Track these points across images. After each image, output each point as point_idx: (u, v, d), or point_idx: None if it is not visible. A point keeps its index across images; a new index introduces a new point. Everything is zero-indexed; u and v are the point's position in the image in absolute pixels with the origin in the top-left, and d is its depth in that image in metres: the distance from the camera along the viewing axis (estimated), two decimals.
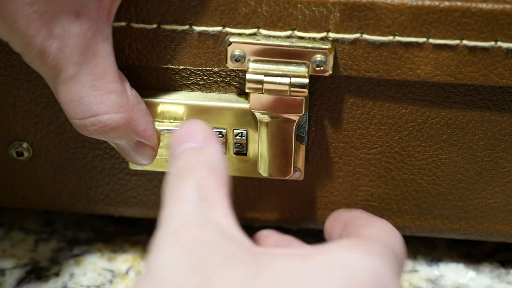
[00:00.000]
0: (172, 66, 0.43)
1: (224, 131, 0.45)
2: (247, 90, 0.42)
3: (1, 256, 0.51)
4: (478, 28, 0.40)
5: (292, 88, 0.41)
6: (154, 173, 0.48)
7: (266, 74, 0.41)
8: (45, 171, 0.48)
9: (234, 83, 0.44)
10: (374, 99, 0.44)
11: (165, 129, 0.44)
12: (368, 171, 0.47)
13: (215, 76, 0.44)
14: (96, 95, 0.38)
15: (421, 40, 0.40)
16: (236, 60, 0.41)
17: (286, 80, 0.41)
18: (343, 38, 0.40)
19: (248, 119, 0.44)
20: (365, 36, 0.40)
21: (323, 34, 0.41)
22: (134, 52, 0.42)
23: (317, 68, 0.41)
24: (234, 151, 0.45)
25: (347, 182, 0.47)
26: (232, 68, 0.42)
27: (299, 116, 0.43)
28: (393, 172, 0.46)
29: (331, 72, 0.41)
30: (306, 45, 0.41)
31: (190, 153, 0.38)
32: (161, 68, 0.43)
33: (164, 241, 0.34)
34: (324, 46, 0.40)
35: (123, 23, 0.41)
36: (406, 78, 0.42)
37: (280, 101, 0.42)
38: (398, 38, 0.40)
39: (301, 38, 0.41)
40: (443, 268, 0.51)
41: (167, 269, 0.33)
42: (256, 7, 0.40)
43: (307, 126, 0.44)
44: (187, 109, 0.44)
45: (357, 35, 0.40)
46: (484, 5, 0.39)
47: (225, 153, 0.45)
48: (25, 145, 0.47)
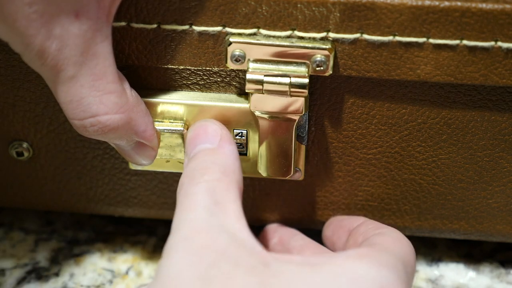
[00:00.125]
0: (172, 66, 0.43)
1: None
2: (247, 90, 0.42)
3: (1, 256, 0.51)
4: (478, 28, 0.39)
5: (292, 88, 0.41)
6: (154, 173, 0.48)
7: (266, 74, 0.41)
8: (45, 171, 0.48)
9: (234, 83, 0.44)
10: (374, 99, 0.44)
11: (165, 129, 0.44)
12: (368, 171, 0.47)
13: (215, 76, 0.44)
14: (95, 95, 0.38)
15: (421, 40, 0.40)
16: (236, 60, 0.41)
17: (286, 80, 0.41)
18: (343, 38, 0.40)
19: (248, 119, 0.44)
20: (365, 36, 0.40)
21: (323, 34, 0.41)
22: (134, 52, 0.42)
23: (317, 68, 0.41)
24: None
25: (347, 182, 0.47)
26: (232, 68, 0.42)
27: (299, 116, 0.43)
28: (393, 172, 0.46)
29: (331, 72, 0.41)
30: (306, 45, 0.41)
31: (204, 154, 0.38)
32: (161, 68, 0.43)
33: (174, 247, 0.35)
34: (324, 46, 0.40)
35: (123, 23, 0.41)
36: (406, 78, 0.42)
37: (280, 101, 0.42)
38: (398, 38, 0.40)
39: (301, 38, 0.41)
40: (443, 268, 0.51)
41: (176, 276, 0.33)
42: (256, 7, 0.40)
43: (307, 126, 0.44)
44: (187, 109, 0.44)
45: (357, 35, 0.40)
46: (484, 5, 0.39)
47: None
48: (25, 145, 0.47)
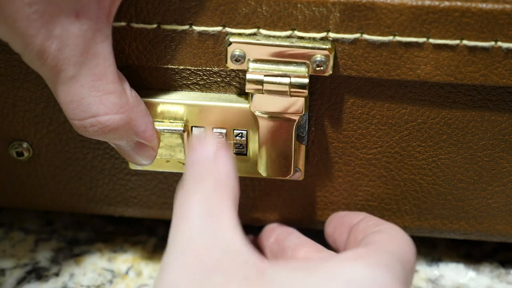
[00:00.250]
0: (172, 66, 0.43)
1: (224, 131, 0.45)
2: (247, 90, 0.42)
3: (1, 256, 0.51)
4: (478, 28, 0.39)
5: (292, 88, 0.41)
6: (154, 173, 0.48)
7: (266, 74, 0.41)
8: (45, 171, 0.48)
9: (234, 83, 0.44)
10: (374, 99, 0.44)
11: (165, 129, 0.44)
12: (368, 171, 0.47)
13: (215, 76, 0.44)
14: (95, 95, 0.38)
15: (421, 40, 0.40)
16: (236, 60, 0.41)
17: (286, 80, 0.41)
18: (343, 38, 0.40)
19: (248, 119, 0.44)
20: (365, 36, 0.40)
21: (323, 34, 0.40)
22: (134, 52, 0.42)
23: (317, 68, 0.41)
24: (234, 151, 0.45)
25: (347, 182, 0.47)
26: (232, 68, 0.42)
27: (299, 116, 0.43)
28: (393, 172, 0.46)
29: (331, 72, 0.41)
30: (306, 45, 0.41)
31: (200, 164, 0.39)
32: (161, 68, 0.43)
33: (170, 261, 0.36)
34: (324, 46, 0.40)
35: (123, 23, 0.41)
36: (406, 78, 0.42)
37: (280, 101, 0.42)
38: (398, 38, 0.40)
39: (301, 38, 0.41)
40: (443, 268, 0.51)
41: None
42: (256, 7, 0.40)
43: (307, 126, 0.44)
44: (187, 109, 0.44)
45: (357, 35, 0.40)
46: (484, 5, 0.39)
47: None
48: (25, 145, 0.47)
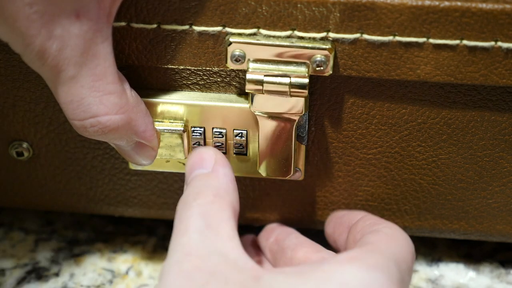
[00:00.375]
0: (172, 66, 0.43)
1: (224, 131, 0.45)
2: (247, 90, 0.42)
3: (1, 256, 0.51)
4: (478, 28, 0.39)
5: (292, 88, 0.41)
6: (154, 173, 0.48)
7: (266, 74, 0.41)
8: (45, 171, 0.48)
9: (234, 83, 0.44)
10: (374, 99, 0.44)
11: (165, 129, 0.44)
12: (368, 171, 0.47)
13: (215, 76, 0.44)
14: (95, 96, 0.38)
15: (421, 40, 0.40)
16: (236, 60, 0.41)
17: (286, 80, 0.41)
18: (343, 38, 0.40)
19: (248, 119, 0.44)
20: (365, 36, 0.40)
21: (323, 34, 0.40)
22: (134, 52, 0.42)
23: (317, 68, 0.41)
24: (234, 151, 0.45)
25: (347, 182, 0.47)
26: (232, 68, 0.42)
27: (299, 116, 0.43)
28: (393, 172, 0.46)
29: (331, 72, 0.41)
30: (306, 45, 0.41)
31: (198, 180, 0.40)
32: (161, 68, 0.43)
33: (168, 271, 0.36)
34: (324, 46, 0.40)
35: (123, 23, 0.41)
36: (406, 78, 0.42)
37: (280, 101, 0.42)
38: (398, 38, 0.40)
39: (301, 38, 0.41)
40: (443, 268, 0.51)
41: None
42: (256, 7, 0.40)
43: (307, 126, 0.44)
44: (187, 109, 0.44)
45: (357, 35, 0.40)
46: (484, 5, 0.39)
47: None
48: (25, 145, 0.47)
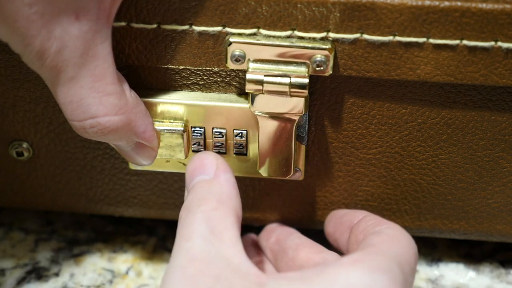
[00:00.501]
0: (172, 66, 0.43)
1: (224, 131, 0.45)
2: (247, 90, 0.42)
3: (1, 256, 0.51)
4: (478, 28, 0.39)
5: (292, 88, 0.41)
6: (154, 173, 0.48)
7: (266, 74, 0.41)
8: (45, 171, 0.48)
9: (234, 83, 0.44)
10: (374, 99, 0.44)
11: (165, 129, 0.44)
12: (368, 171, 0.47)
13: (215, 76, 0.44)
14: (95, 96, 0.38)
15: (421, 40, 0.40)
16: (236, 60, 0.41)
17: (286, 80, 0.41)
18: (343, 38, 0.40)
19: (248, 119, 0.44)
20: (365, 36, 0.40)
21: (323, 34, 0.40)
22: (134, 52, 0.42)
23: (317, 68, 0.41)
24: (234, 151, 0.45)
25: (347, 182, 0.47)
26: (232, 68, 0.42)
27: (299, 116, 0.43)
28: (393, 172, 0.46)
29: (331, 72, 0.41)
30: (306, 45, 0.41)
31: (201, 186, 0.40)
32: (161, 68, 0.43)
33: (172, 275, 0.36)
34: (324, 46, 0.40)
35: (123, 23, 0.41)
36: (406, 78, 0.42)
37: (280, 101, 0.42)
38: (398, 38, 0.40)
39: (301, 38, 0.41)
40: (443, 268, 0.51)
41: None
42: (256, 7, 0.40)
43: (307, 126, 0.44)
44: (187, 109, 0.44)
45: (357, 35, 0.40)
46: (484, 5, 0.39)
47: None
48: (25, 145, 0.47)
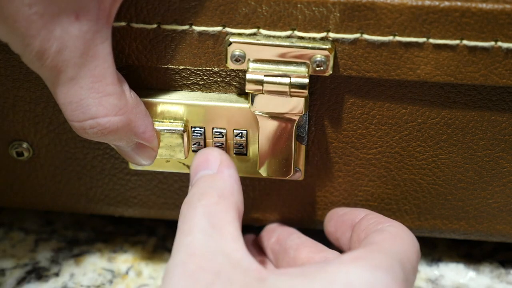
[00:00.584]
0: (172, 66, 0.43)
1: (224, 131, 0.45)
2: (247, 90, 0.42)
3: (1, 256, 0.51)
4: (478, 28, 0.39)
5: (292, 88, 0.41)
6: (154, 173, 0.48)
7: (266, 74, 0.41)
8: (45, 171, 0.48)
9: (234, 83, 0.44)
10: (374, 99, 0.44)
11: (165, 129, 0.44)
12: (368, 171, 0.47)
13: (215, 76, 0.44)
14: (95, 97, 0.38)
15: (421, 40, 0.40)
16: (236, 60, 0.41)
17: (286, 80, 0.41)
18: (343, 38, 0.40)
19: (248, 119, 0.44)
20: (365, 36, 0.40)
21: (323, 34, 0.40)
22: (134, 52, 0.42)
23: (317, 68, 0.41)
24: (234, 151, 0.45)
25: (347, 182, 0.47)
26: (232, 68, 0.42)
27: (299, 116, 0.43)
28: (393, 172, 0.46)
29: (331, 72, 0.41)
30: (306, 45, 0.41)
31: (203, 181, 0.40)
32: (161, 68, 0.43)
33: (172, 271, 0.36)
34: (324, 46, 0.40)
35: (123, 23, 0.41)
36: (406, 78, 0.42)
37: (280, 101, 0.42)
38: (398, 38, 0.40)
39: (301, 38, 0.41)
40: (443, 268, 0.51)
41: None
42: (256, 7, 0.40)
43: (307, 126, 0.44)
44: (187, 109, 0.44)
45: (357, 35, 0.40)
46: (484, 5, 0.39)
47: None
48: (25, 145, 0.47)
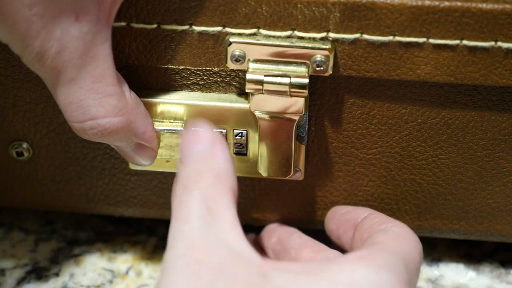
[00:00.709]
0: (172, 66, 0.43)
1: (224, 131, 0.45)
2: (247, 90, 0.42)
3: (1, 256, 0.51)
4: (478, 28, 0.39)
5: (292, 88, 0.41)
6: (154, 173, 0.48)
7: (266, 74, 0.41)
8: (45, 171, 0.48)
9: (234, 83, 0.44)
10: (374, 99, 0.44)
11: (165, 129, 0.44)
12: (368, 171, 0.47)
13: (215, 76, 0.44)
14: (94, 98, 0.38)
15: (421, 40, 0.40)
16: (236, 60, 0.41)
17: (286, 80, 0.41)
18: (343, 38, 0.40)
19: (248, 119, 0.44)
20: (365, 36, 0.40)
21: (323, 34, 0.40)
22: (134, 52, 0.42)
23: (317, 68, 0.41)
24: (234, 151, 0.45)
25: (347, 182, 0.47)
26: (232, 68, 0.42)
27: (299, 116, 0.43)
28: (393, 172, 0.46)
29: (331, 72, 0.41)
30: (306, 45, 0.41)
31: (197, 159, 0.38)
32: (161, 68, 0.43)
33: (172, 264, 0.35)
34: (324, 46, 0.40)
35: (123, 23, 0.41)
36: (406, 78, 0.42)
37: (280, 101, 0.42)
38: (398, 38, 0.40)
39: (301, 38, 0.41)
40: (443, 268, 0.51)
41: None
42: (256, 7, 0.40)
43: (307, 126, 0.44)
44: (187, 109, 0.44)
45: (357, 35, 0.40)
46: (484, 5, 0.39)
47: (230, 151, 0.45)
48: (25, 145, 0.47)
